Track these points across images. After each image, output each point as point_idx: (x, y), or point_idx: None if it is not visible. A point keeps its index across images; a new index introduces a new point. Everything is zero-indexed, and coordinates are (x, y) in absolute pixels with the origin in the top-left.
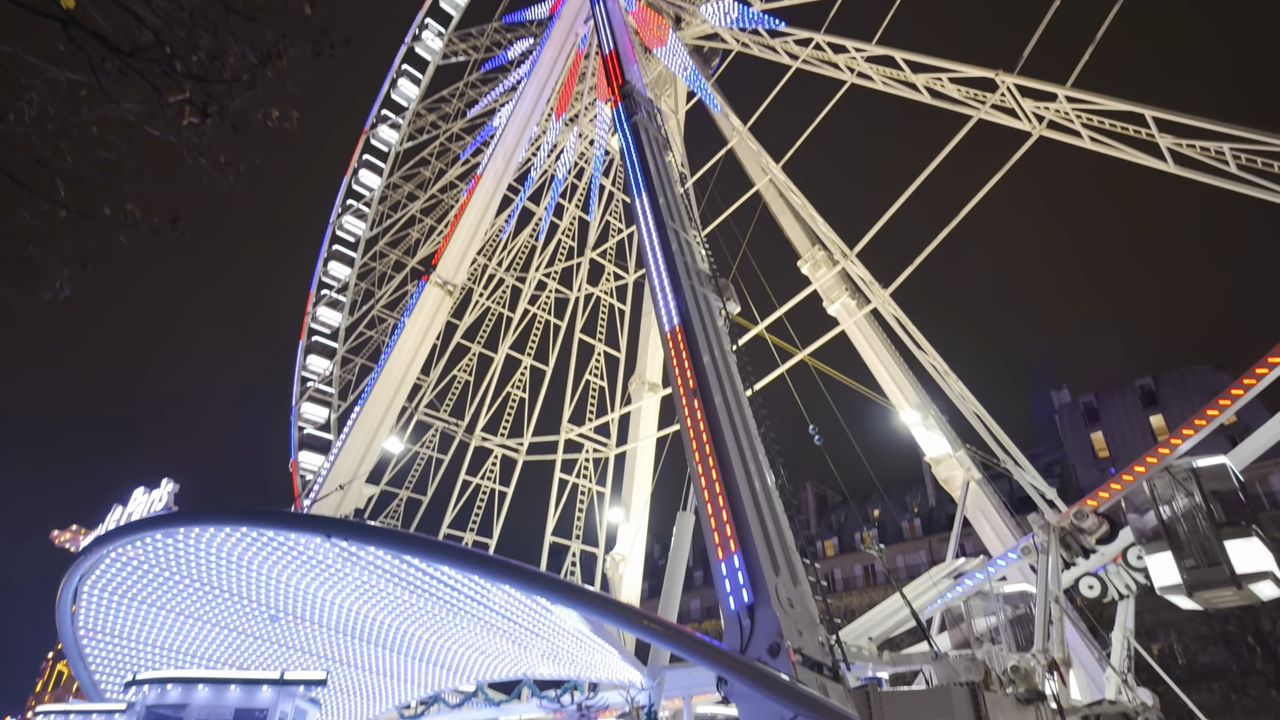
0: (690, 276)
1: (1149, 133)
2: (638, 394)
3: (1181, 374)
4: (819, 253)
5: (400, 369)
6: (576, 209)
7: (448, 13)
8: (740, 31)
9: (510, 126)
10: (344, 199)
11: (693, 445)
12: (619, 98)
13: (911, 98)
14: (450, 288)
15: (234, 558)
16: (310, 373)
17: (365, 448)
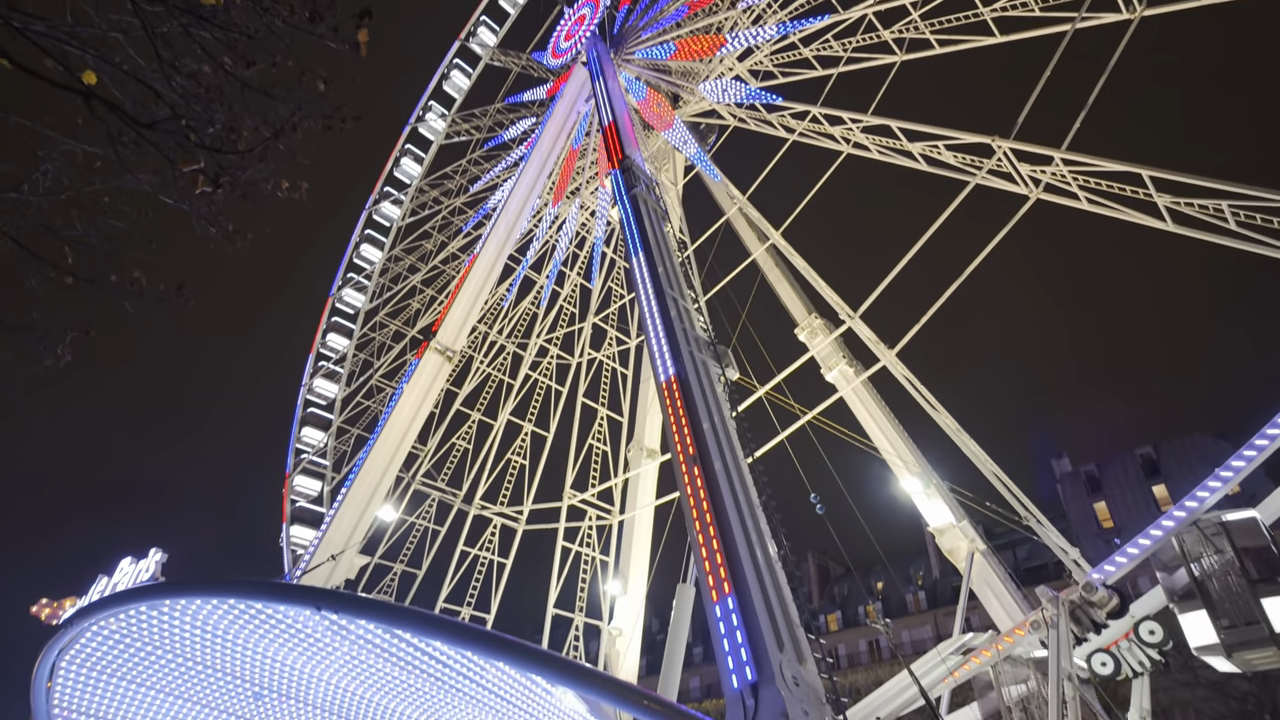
0: (689, 343)
1: (1146, 192)
2: (636, 460)
3: (1182, 442)
4: (815, 320)
5: (397, 434)
6: (578, 276)
7: (451, 95)
8: (737, 107)
9: (513, 198)
10: (344, 272)
11: (693, 514)
12: (619, 169)
13: (908, 166)
14: (450, 354)
15: (219, 631)
16: (305, 444)
17: (359, 515)
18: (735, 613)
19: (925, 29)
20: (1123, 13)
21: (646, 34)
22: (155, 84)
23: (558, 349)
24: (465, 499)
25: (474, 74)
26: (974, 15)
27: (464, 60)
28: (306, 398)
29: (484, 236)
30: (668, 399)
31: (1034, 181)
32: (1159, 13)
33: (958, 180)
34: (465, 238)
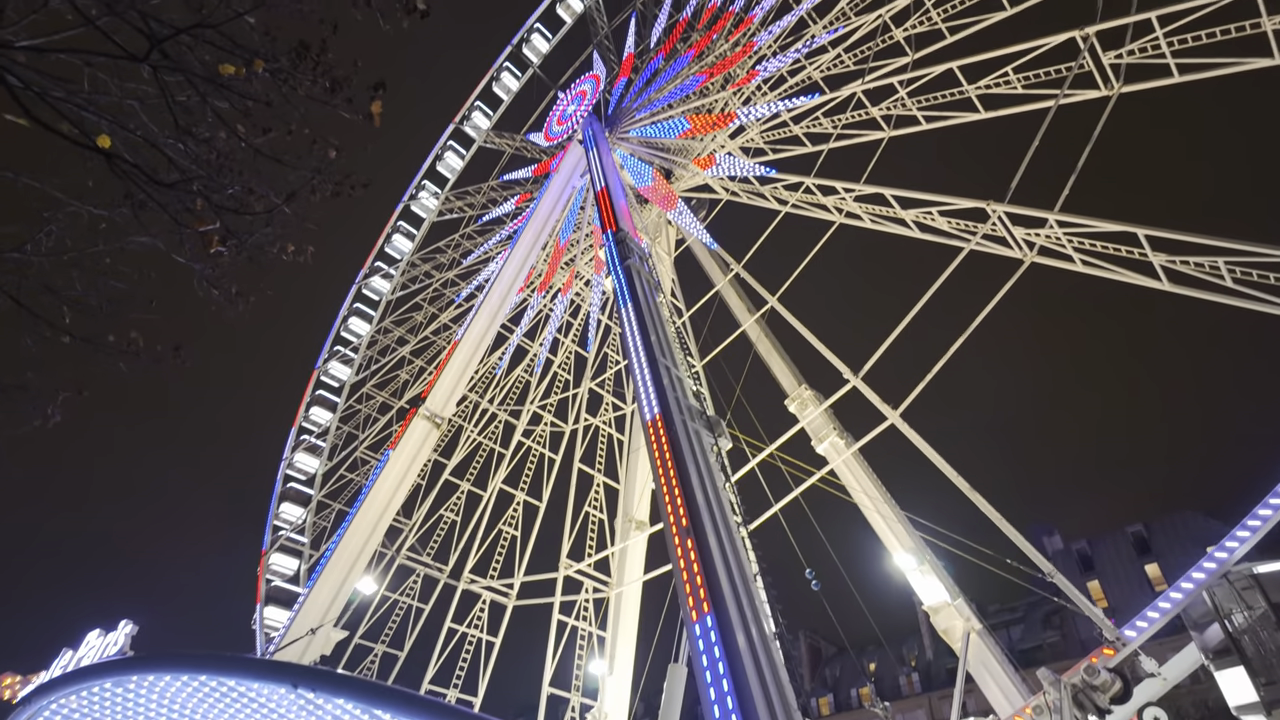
0: (682, 412)
1: (1141, 252)
2: (624, 533)
3: (1173, 520)
4: (806, 391)
5: (382, 501)
6: (573, 344)
7: (444, 175)
8: (730, 180)
9: (508, 267)
10: (331, 345)
11: (686, 590)
12: (613, 241)
13: (900, 233)
14: (438, 421)
15: (189, 710)
16: (283, 521)
17: (338, 586)
18: (731, 695)
19: (912, 106)
20: (1101, 90)
21: (641, 114)
22: (168, 150)
23: (551, 415)
24: (453, 573)
25: (467, 155)
26: (959, 93)
27: (458, 142)
28: (286, 472)
29: (477, 304)
30: (660, 470)
31: (1028, 245)
32: (1136, 89)
33: (953, 246)
34: (457, 309)
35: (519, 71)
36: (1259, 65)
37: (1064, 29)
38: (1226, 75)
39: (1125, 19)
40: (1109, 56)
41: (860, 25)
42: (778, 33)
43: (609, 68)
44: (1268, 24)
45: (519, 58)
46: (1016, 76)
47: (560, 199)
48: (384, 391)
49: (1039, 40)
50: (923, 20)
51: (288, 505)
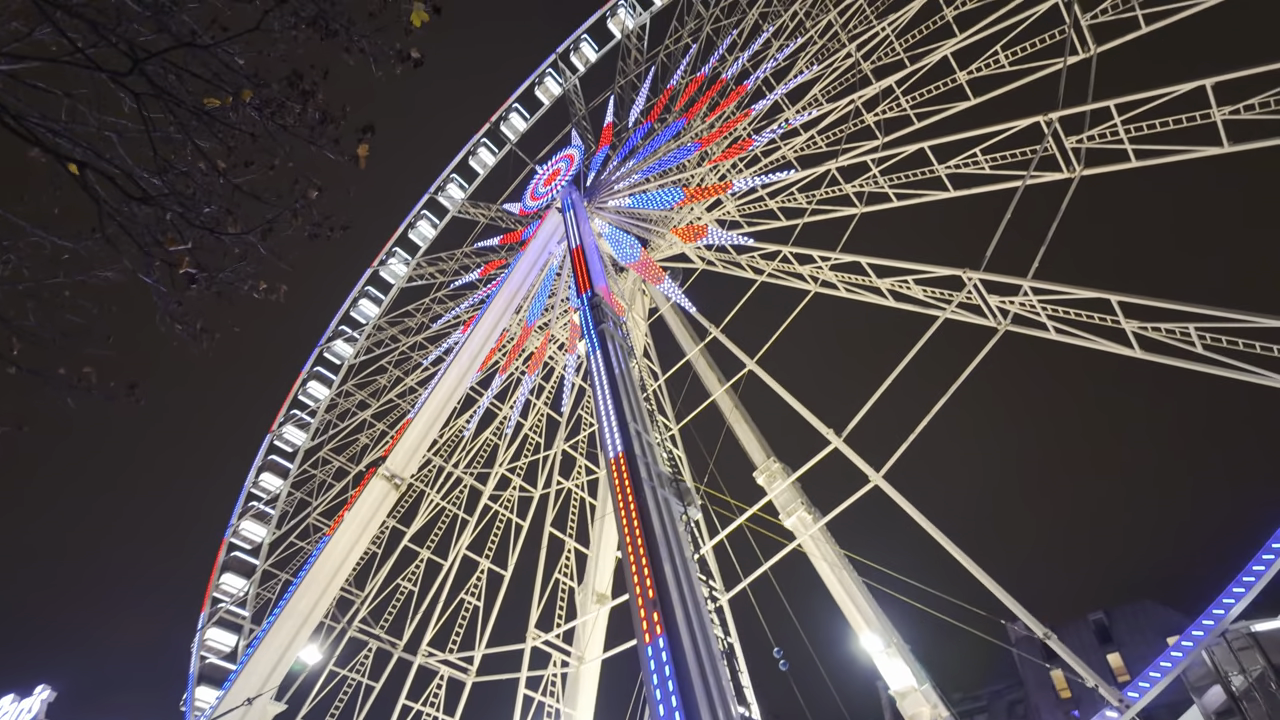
0: (651, 478)
1: (1114, 319)
2: (583, 606)
3: (1133, 608)
4: (774, 464)
5: (334, 563)
6: (545, 406)
7: (415, 243)
8: (705, 249)
9: (480, 326)
10: (288, 409)
11: (650, 666)
12: (588, 305)
13: (875, 302)
14: (398, 481)
15: None
16: (223, 593)
17: (282, 652)
18: None
19: (884, 183)
20: (1064, 173)
21: (620, 185)
22: (145, 183)
23: (520, 479)
24: (409, 646)
25: (440, 225)
26: (929, 172)
27: (431, 211)
28: (231, 540)
29: (447, 363)
30: (628, 538)
31: (1002, 313)
32: (1095, 173)
33: (929, 315)
34: (423, 372)
35: (495, 148)
36: (1209, 154)
37: (1028, 113)
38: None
39: (1084, 106)
40: (1071, 141)
41: (832, 110)
42: (754, 115)
43: (587, 145)
44: (1217, 114)
45: (496, 134)
46: (985, 157)
47: (536, 263)
48: (341, 456)
49: (1005, 124)
50: (892, 106)
51: (229, 576)
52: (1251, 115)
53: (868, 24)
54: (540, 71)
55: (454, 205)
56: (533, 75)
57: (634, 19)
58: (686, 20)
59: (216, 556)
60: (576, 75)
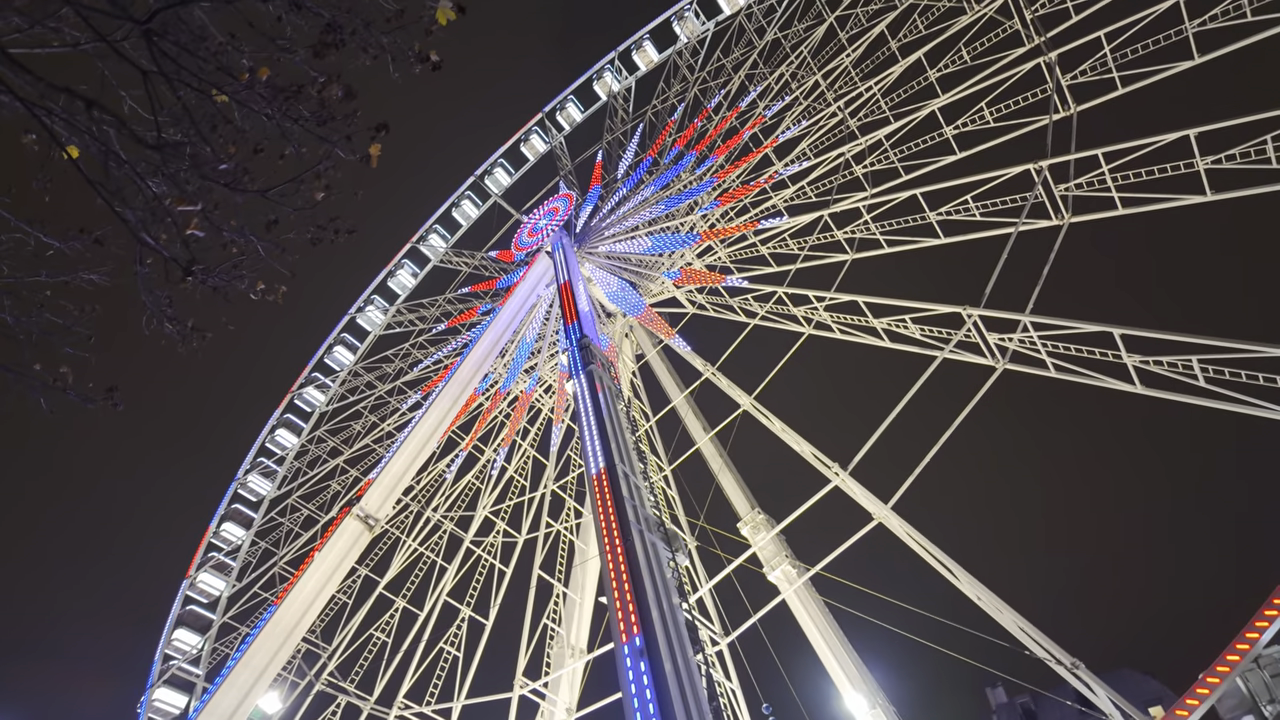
0: (640, 522)
1: (1115, 354)
2: (558, 660)
3: (1112, 676)
4: (759, 515)
5: (301, 605)
6: (530, 448)
7: (394, 291)
8: (697, 293)
9: (464, 366)
10: (254, 457)
11: (628, 671)
12: (577, 346)
13: (871, 343)
14: (372, 522)
15: None
16: (175, 650)
17: (240, 700)
18: None
19: (875, 230)
20: (1053, 220)
21: (611, 231)
22: (139, 181)
23: (504, 523)
24: (384, 699)
25: (421, 274)
26: (920, 218)
27: (412, 260)
28: (187, 594)
29: (428, 404)
30: (615, 585)
31: (1000, 351)
32: (1085, 220)
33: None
34: (401, 417)
35: (479, 200)
36: (1192, 202)
37: (1015, 164)
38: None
39: (1072, 156)
40: (1059, 189)
41: (820, 163)
42: (743, 169)
43: (576, 194)
44: (1200, 164)
45: (480, 188)
46: (975, 204)
47: (524, 305)
48: (311, 504)
49: (996, 172)
50: (880, 159)
51: (182, 632)
52: (1233, 165)
53: (853, 85)
54: (526, 129)
55: (435, 255)
56: (518, 134)
57: (620, 82)
58: (673, 83)
59: (170, 611)
60: (562, 134)
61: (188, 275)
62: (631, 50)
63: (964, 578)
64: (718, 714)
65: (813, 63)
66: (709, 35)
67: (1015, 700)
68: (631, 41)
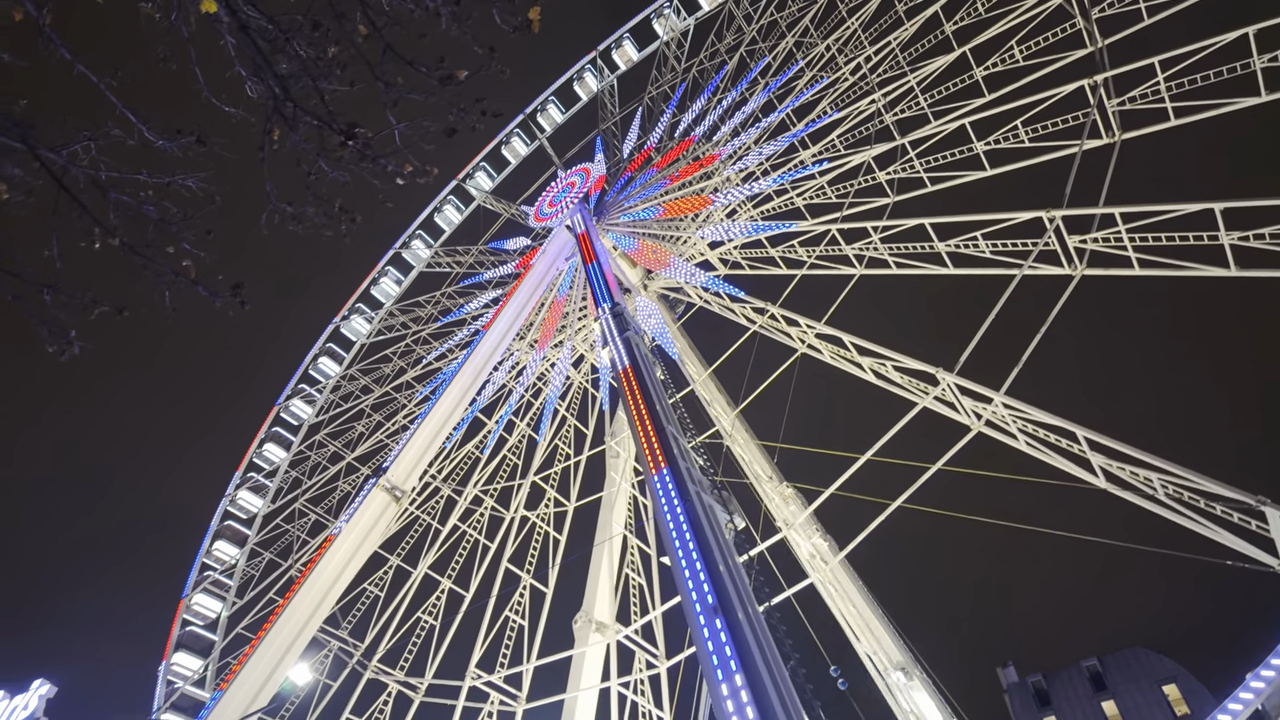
0: (694, 483)
1: (1080, 449)
2: (582, 635)
3: (1126, 656)
4: (786, 489)
5: (330, 575)
6: (528, 427)
7: (440, 227)
8: (703, 290)
9: (484, 344)
10: (297, 382)
11: (718, 675)
12: (610, 314)
13: (857, 375)
14: (399, 494)
15: None
16: (215, 560)
17: (269, 672)
18: None
19: (884, 250)
20: (1064, 269)
21: (630, 203)
22: None
23: (493, 500)
24: (365, 656)
25: (465, 212)
26: (929, 247)
27: (457, 197)
28: (227, 508)
29: (449, 375)
30: (678, 544)
31: (976, 415)
32: (1099, 274)
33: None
34: (424, 368)
35: (528, 139)
36: (1212, 274)
37: (1037, 200)
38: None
39: (1089, 210)
40: (1074, 240)
41: (848, 160)
42: (768, 153)
43: (610, 153)
44: (1225, 239)
45: (529, 125)
46: (985, 242)
47: (544, 279)
48: (337, 441)
49: (1009, 213)
50: (905, 167)
51: (222, 544)
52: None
53: (898, 69)
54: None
55: (481, 195)
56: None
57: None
58: (725, 34)
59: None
60: (615, 74)
61: (348, 139)
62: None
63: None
64: (794, 673)
65: (864, 36)
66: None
67: (1027, 680)
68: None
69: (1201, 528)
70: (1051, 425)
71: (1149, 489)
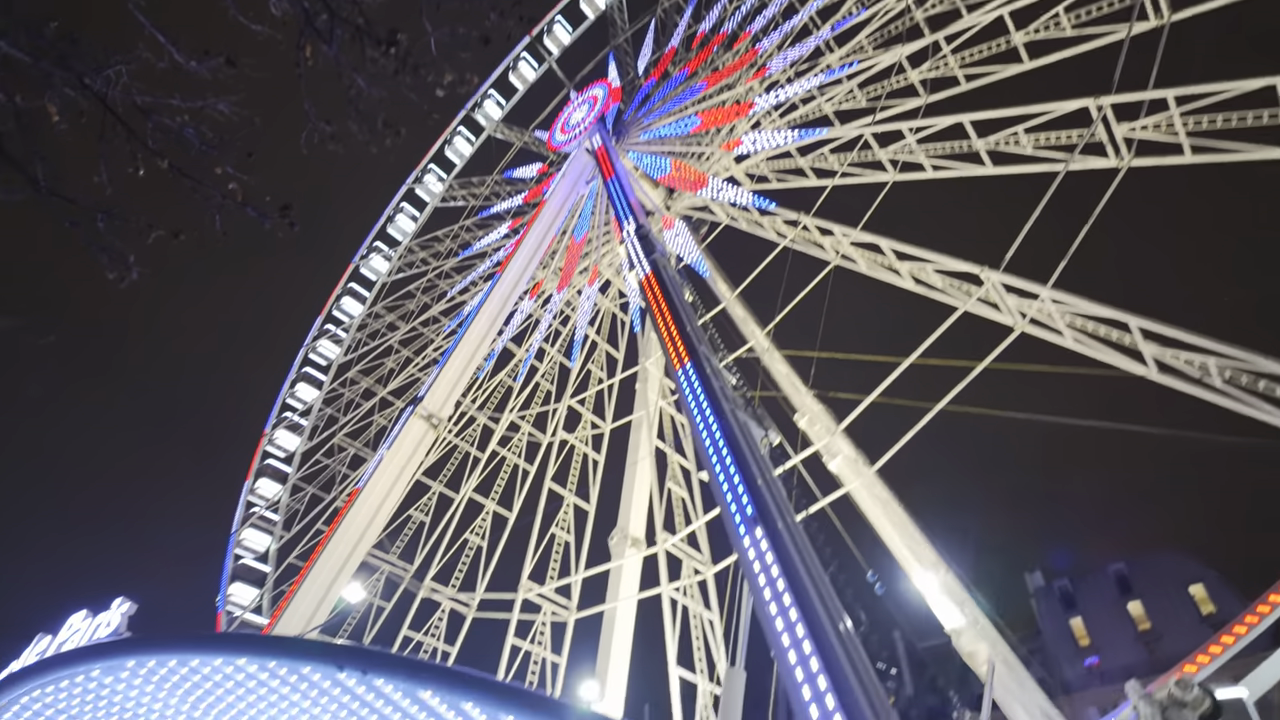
0: (727, 400)
1: (1133, 340)
2: (618, 550)
3: (1153, 559)
4: (816, 405)
5: (374, 503)
6: (559, 354)
7: (451, 161)
8: (730, 206)
9: (510, 270)
10: (323, 323)
11: (760, 581)
12: (635, 235)
13: (895, 283)
14: (435, 421)
15: (188, 705)
16: (258, 498)
17: (323, 594)
18: (831, 692)
19: (919, 153)
20: (1111, 160)
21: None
22: None
23: (530, 425)
24: (416, 576)
25: (476, 142)
26: (967, 146)
27: (468, 128)
28: (266, 448)
29: (478, 303)
30: (714, 457)
31: (1021, 314)
32: (1147, 164)
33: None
34: (449, 302)
35: (535, 63)
36: (1272, 156)
37: (1080, 93)
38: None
39: (1140, 94)
40: (1122, 129)
41: (877, 62)
42: (793, 59)
43: (624, 72)
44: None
45: (537, 49)
46: (1027, 137)
47: (565, 207)
48: (369, 378)
49: (1052, 104)
50: (939, 65)
51: (264, 481)
52: None
53: None
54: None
55: (491, 124)
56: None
57: None
58: None
59: (251, 462)
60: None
61: (390, 47)
62: None
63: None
64: (834, 579)
65: None
66: None
67: (1054, 584)
68: None
69: (1261, 412)
70: (1102, 317)
71: (1205, 376)
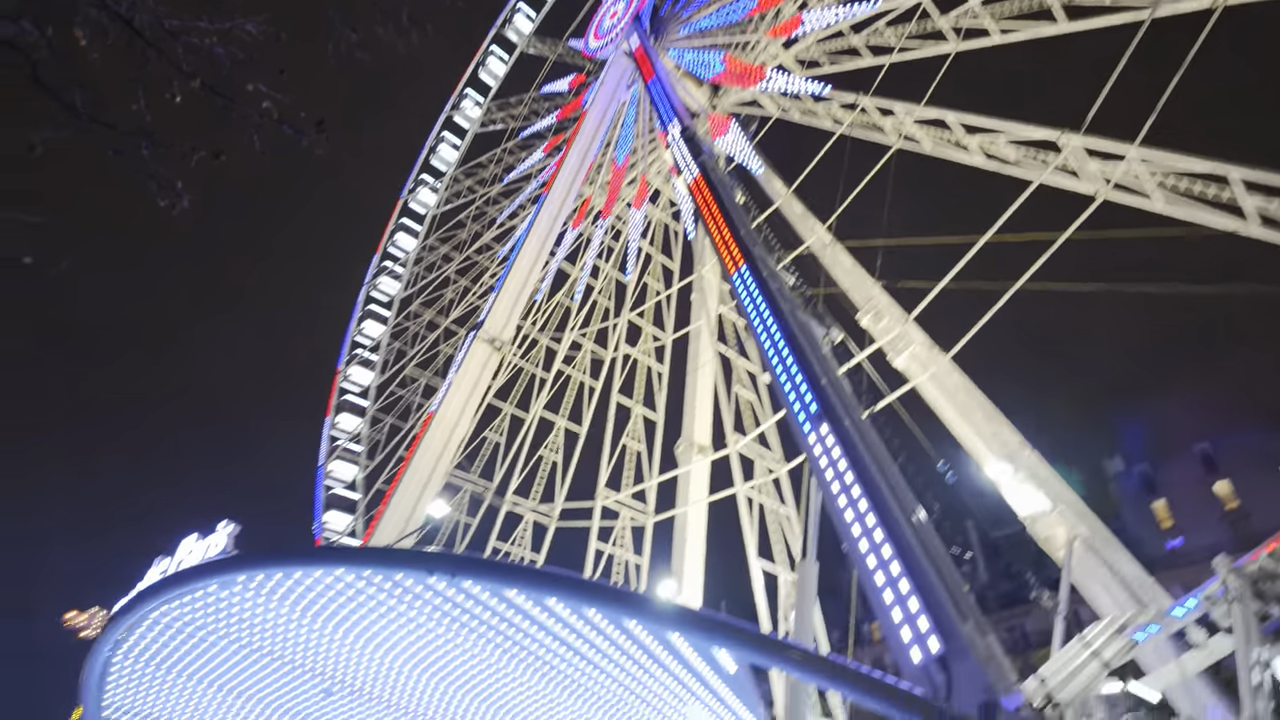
0: (786, 301)
1: (1231, 196)
2: (685, 458)
3: (1240, 437)
4: (885, 297)
5: (448, 426)
6: (614, 270)
7: (486, 83)
8: (780, 97)
9: (556, 187)
10: (380, 260)
11: (829, 475)
12: (682, 137)
13: (963, 161)
14: (498, 344)
15: (296, 614)
16: (340, 431)
17: (409, 512)
18: (906, 575)
19: (984, 15)
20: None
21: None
22: None
23: (592, 343)
24: (497, 493)
25: (510, 60)
26: (1039, 2)
27: (500, 47)
28: (342, 385)
29: (526, 226)
30: (777, 361)
31: (1105, 180)
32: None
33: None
34: (499, 228)
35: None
36: None
37: None
38: None
39: None
40: None
41: None
42: None
43: None
44: None
45: None
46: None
47: (607, 117)
48: (430, 309)
49: None
50: None
51: (344, 416)
52: None
53: None
54: None
55: (522, 40)
56: None
57: None
58: None
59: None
60: None
61: None
62: None
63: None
64: (903, 470)
65: None
66: None
67: (1134, 468)
68: None
69: None
70: (1197, 172)
71: None
